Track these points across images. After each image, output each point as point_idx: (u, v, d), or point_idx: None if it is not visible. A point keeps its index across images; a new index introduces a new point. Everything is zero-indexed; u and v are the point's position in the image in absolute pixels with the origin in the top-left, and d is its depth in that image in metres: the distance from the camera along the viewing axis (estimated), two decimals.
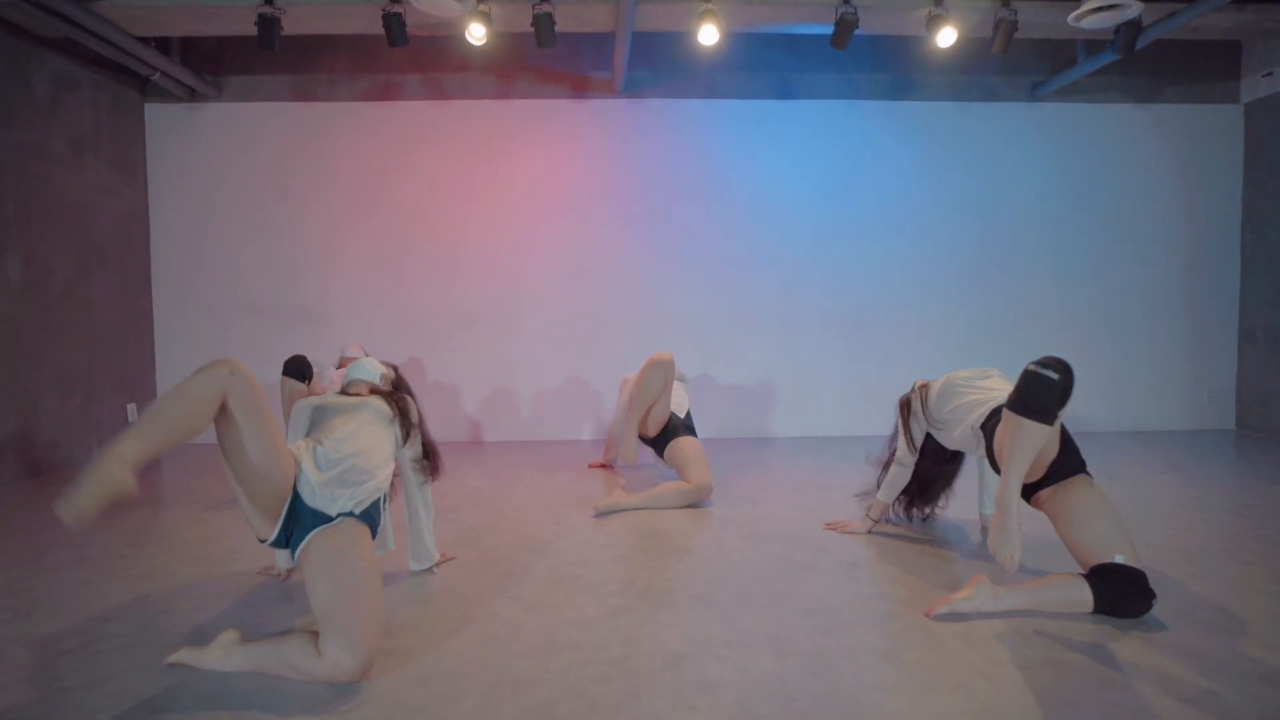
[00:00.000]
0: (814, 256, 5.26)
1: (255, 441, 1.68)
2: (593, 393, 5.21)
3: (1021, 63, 5.19)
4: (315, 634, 1.73)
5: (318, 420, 2.09)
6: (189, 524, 3.14)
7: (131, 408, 4.93)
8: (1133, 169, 5.32)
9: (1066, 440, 2.17)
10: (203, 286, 5.18)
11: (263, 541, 1.83)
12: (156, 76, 4.75)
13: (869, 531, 2.88)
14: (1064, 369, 1.92)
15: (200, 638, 1.93)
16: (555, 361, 5.24)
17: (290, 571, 2.43)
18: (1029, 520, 2.43)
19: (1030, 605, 2.05)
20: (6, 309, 3.94)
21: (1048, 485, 2.15)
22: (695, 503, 3.31)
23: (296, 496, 1.80)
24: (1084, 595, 2.03)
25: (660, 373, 3.36)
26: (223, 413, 1.64)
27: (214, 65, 5.07)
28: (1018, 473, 1.96)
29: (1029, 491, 2.20)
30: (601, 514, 3.20)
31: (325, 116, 5.17)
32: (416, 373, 5.21)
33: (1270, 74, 5.04)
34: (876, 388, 5.11)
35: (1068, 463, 2.15)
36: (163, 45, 4.66)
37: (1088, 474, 2.17)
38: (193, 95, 5.08)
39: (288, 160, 5.16)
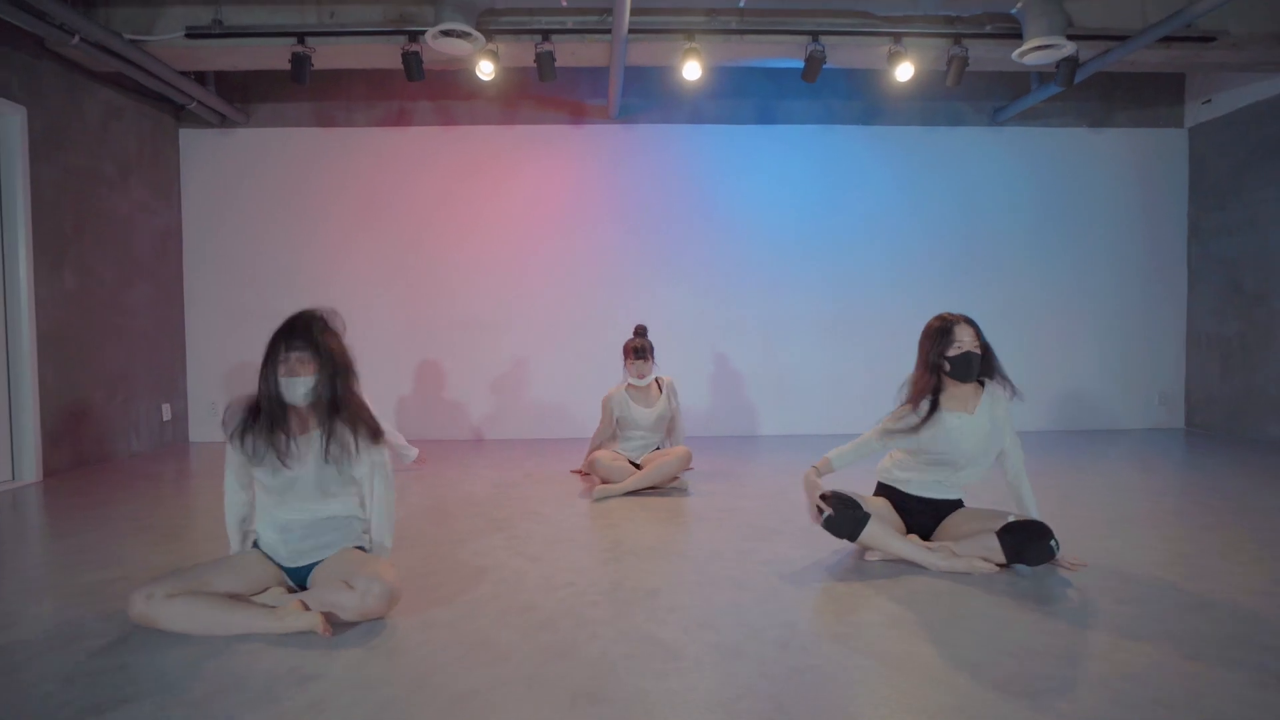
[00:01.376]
0: (794, 268, 5.71)
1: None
2: (587, 394, 5.63)
3: (983, 90, 5.66)
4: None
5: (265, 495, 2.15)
6: None
7: (165, 407, 5.37)
8: (1087, 188, 5.78)
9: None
10: (230, 295, 5.62)
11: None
12: (193, 105, 5.21)
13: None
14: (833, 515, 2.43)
15: None
16: (552, 364, 5.67)
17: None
18: None
19: (955, 567, 2.44)
20: (63, 315, 4.39)
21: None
22: (681, 470, 3.70)
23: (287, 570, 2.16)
24: (995, 544, 2.44)
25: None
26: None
27: (243, 94, 5.55)
28: (903, 551, 2.46)
29: (926, 534, 2.62)
30: (600, 499, 3.59)
31: (344, 140, 5.64)
32: (423, 374, 5.64)
33: (1209, 101, 5.51)
34: (854, 388, 5.55)
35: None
36: (199, 76, 5.13)
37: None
38: (223, 121, 5.55)
39: (309, 180, 5.62)
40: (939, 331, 2.47)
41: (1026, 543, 2.37)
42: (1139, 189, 5.80)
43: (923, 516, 2.59)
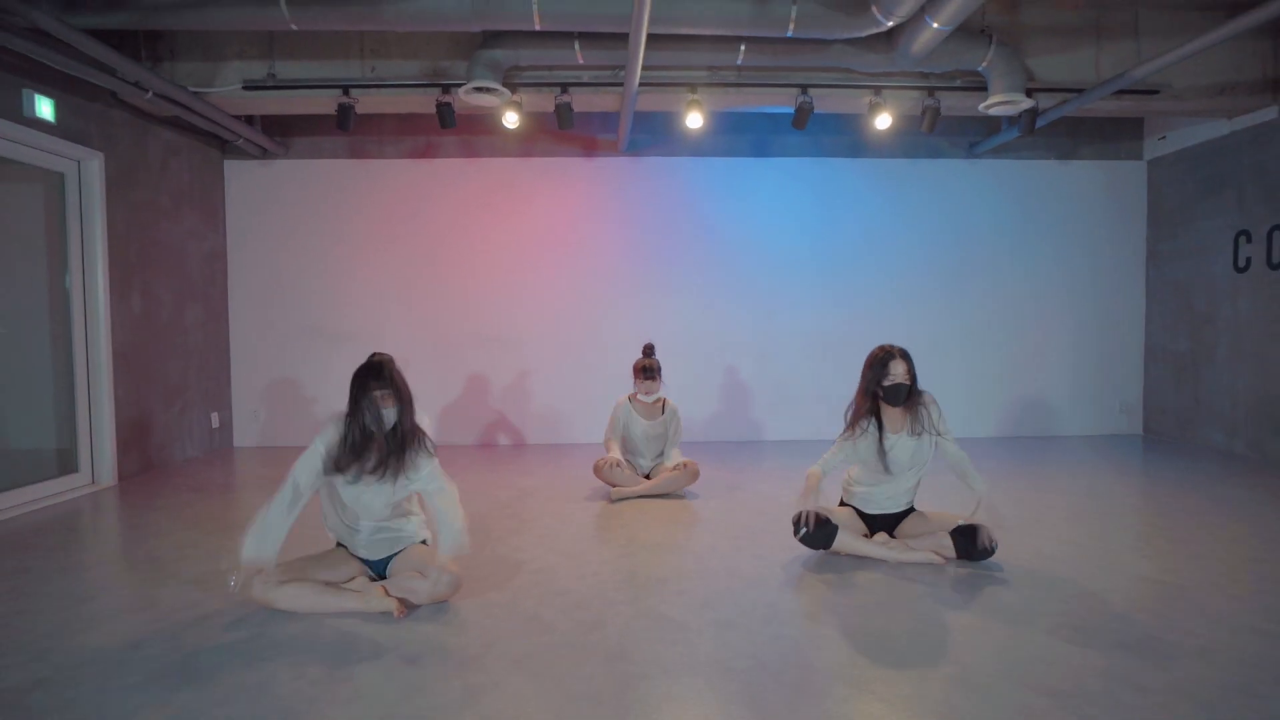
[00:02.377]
0: (788, 287, 6.24)
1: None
2: (594, 404, 6.17)
3: (960, 127, 6.19)
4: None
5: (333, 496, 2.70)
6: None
7: (214, 415, 5.90)
8: (1056, 215, 6.31)
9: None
10: (271, 313, 6.15)
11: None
12: (239, 141, 5.73)
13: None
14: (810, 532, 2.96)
15: None
16: (562, 376, 6.21)
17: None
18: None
19: (912, 559, 2.98)
20: (131, 336, 4.92)
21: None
22: (691, 482, 4.24)
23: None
24: (947, 542, 2.99)
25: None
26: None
27: (283, 128, 6.06)
28: (867, 550, 3.01)
29: (892, 530, 3.15)
30: (616, 500, 4.14)
31: (374, 171, 6.16)
32: (443, 384, 6.18)
33: (1164, 138, 6.04)
34: (843, 397, 6.06)
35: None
36: (247, 117, 5.64)
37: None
38: (264, 153, 6.07)
39: (341, 207, 6.15)
40: (879, 362, 3.00)
41: (972, 542, 2.92)
42: (1102, 216, 6.33)
43: (883, 523, 3.13)
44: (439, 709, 1.89)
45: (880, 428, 3.00)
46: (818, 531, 2.96)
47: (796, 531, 3.00)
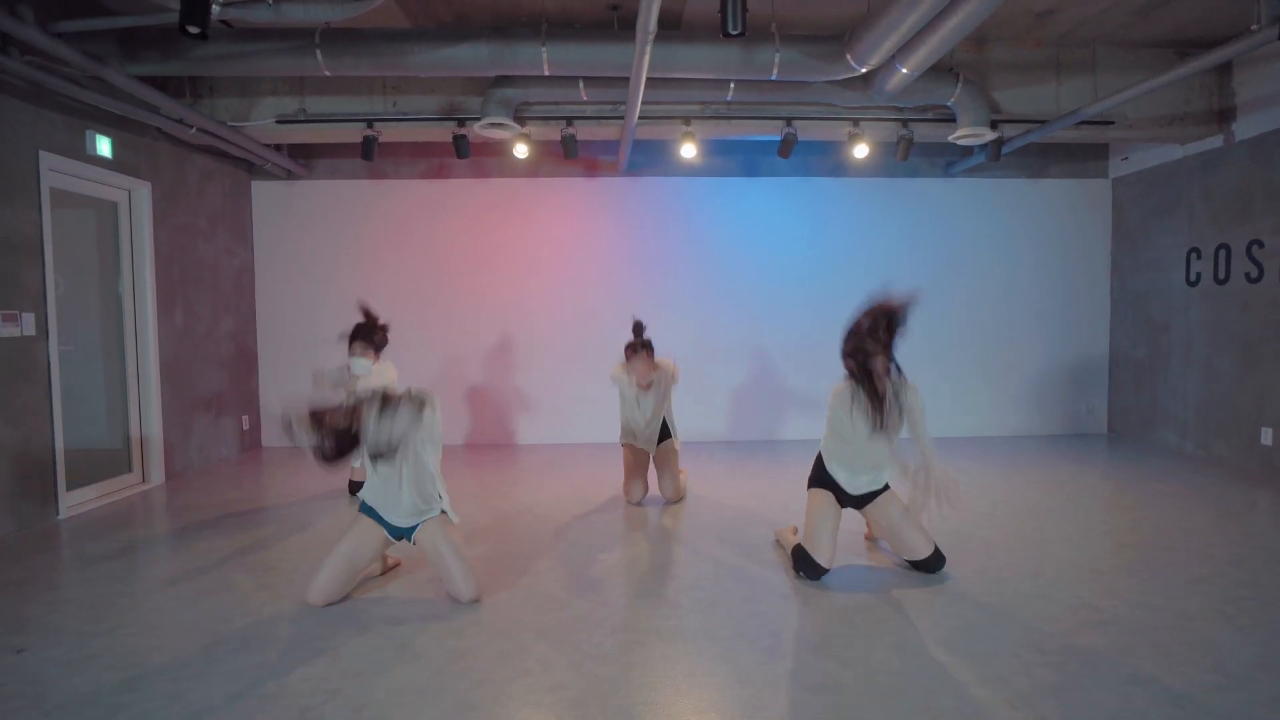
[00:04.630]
0: (775, 298, 6.71)
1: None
2: (596, 406, 6.64)
3: (935, 149, 6.65)
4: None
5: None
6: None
7: (245, 419, 6.38)
8: (1026, 230, 6.78)
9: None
10: (295, 323, 6.62)
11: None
12: (267, 165, 6.19)
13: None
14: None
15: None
16: (566, 382, 6.68)
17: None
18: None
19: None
20: (176, 348, 5.39)
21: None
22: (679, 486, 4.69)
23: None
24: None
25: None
26: None
27: (307, 152, 6.52)
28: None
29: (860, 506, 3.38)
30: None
31: (391, 191, 6.62)
32: (454, 389, 6.66)
33: (1126, 159, 6.51)
34: (826, 399, 6.56)
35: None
36: (276, 144, 6.09)
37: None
38: (289, 175, 6.52)
39: (363, 224, 6.61)
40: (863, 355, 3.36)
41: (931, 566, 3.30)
42: (1071, 231, 6.80)
43: (852, 494, 3.36)
44: (481, 668, 2.37)
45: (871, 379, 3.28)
46: (808, 571, 3.14)
47: (796, 573, 3.19)
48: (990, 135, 5.13)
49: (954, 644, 2.51)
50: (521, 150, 5.31)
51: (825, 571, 3.13)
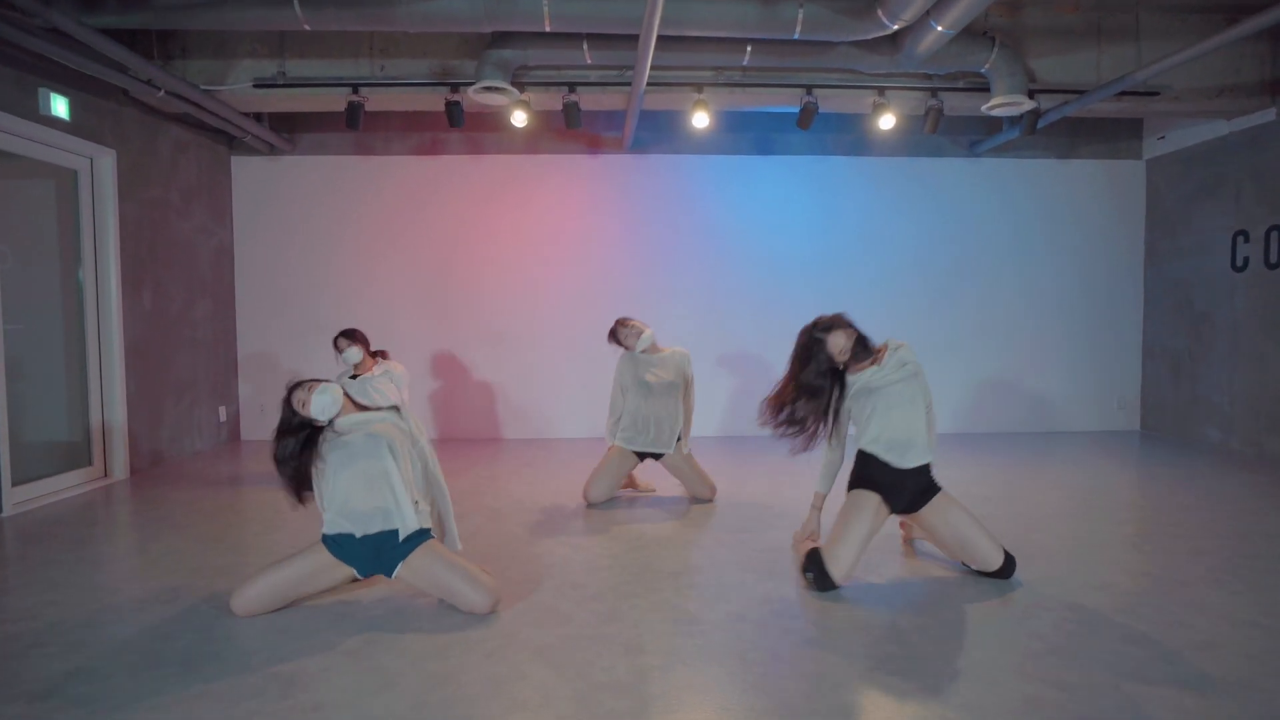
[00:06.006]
0: (788, 284, 6.30)
1: None
2: (599, 396, 6.22)
3: (961, 125, 6.25)
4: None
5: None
6: None
7: (221, 409, 5.95)
8: (1055, 213, 6.38)
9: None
10: (278, 309, 6.20)
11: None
12: (247, 138, 5.76)
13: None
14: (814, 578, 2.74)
15: None
16: (568, 372, 6.27)
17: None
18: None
19: None
20: (143, 331, 4.96)
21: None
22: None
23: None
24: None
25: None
26: None
27: (290, 125, 6.10)
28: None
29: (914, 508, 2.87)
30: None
31: (380, 167, 6.20)
32: (448, 379, 6.24)
33: (1163, 138, 6.11)
34: None
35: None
36: (255, 114, 5.67)
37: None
38: (272, 150, 6.10)
39: (348, 204, 6.19)
40: (815, 346, 3.21)
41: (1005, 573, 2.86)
42: (1101, 215, 6.41)
43: (902, 491, 2.87)
44: (468, 700, 1.96)
45: (842, 385, 3.02)
46: (820, 580, 2.72)
47: (804, 576, 2.80)
48: (1028, 104, 4.73)
49: (1034, 670, 2.11)
50: (520, 118, 4.89)
51: (836, 587, 2.71)
